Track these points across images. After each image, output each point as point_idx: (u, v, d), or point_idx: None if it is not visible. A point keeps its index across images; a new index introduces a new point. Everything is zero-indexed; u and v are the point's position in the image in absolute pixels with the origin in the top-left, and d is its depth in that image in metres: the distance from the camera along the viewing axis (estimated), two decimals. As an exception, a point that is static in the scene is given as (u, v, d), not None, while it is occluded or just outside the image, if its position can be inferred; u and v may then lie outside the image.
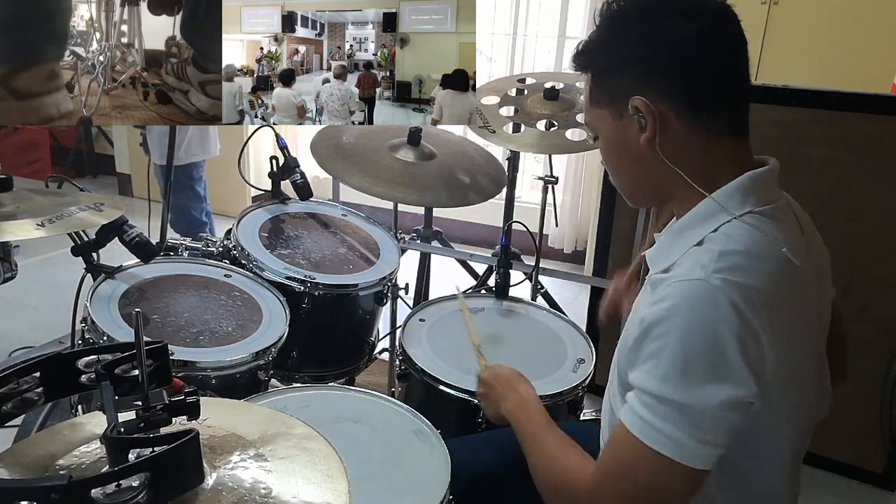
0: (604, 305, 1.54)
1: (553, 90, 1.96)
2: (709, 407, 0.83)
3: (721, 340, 0.82)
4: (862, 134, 2.01)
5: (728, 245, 0.87)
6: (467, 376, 1.50)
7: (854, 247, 2.03)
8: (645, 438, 0.85)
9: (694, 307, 0.83)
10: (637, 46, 0.93)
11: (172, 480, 0.62)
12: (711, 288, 0.83)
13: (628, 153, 0.97)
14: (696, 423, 0.83)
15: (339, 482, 0.71)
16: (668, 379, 0.84)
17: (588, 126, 1.06)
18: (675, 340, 0.83)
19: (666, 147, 0.92)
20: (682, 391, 0.83)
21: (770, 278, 0.86)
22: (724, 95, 0.93)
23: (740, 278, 0.84)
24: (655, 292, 0.89)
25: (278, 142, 1.98)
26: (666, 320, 0.84)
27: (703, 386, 0.83)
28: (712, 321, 0.82)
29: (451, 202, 1.93)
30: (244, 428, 0.79)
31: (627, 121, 0.94)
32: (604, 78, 0.97)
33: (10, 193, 1.42)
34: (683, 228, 0.95)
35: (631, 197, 1.07)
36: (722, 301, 0.82)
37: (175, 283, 1.62)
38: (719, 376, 0.82)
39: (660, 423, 0.84)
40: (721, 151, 0.94)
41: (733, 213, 0.91)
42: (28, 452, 0.74)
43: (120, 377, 0.70)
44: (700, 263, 0.86)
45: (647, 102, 0.91)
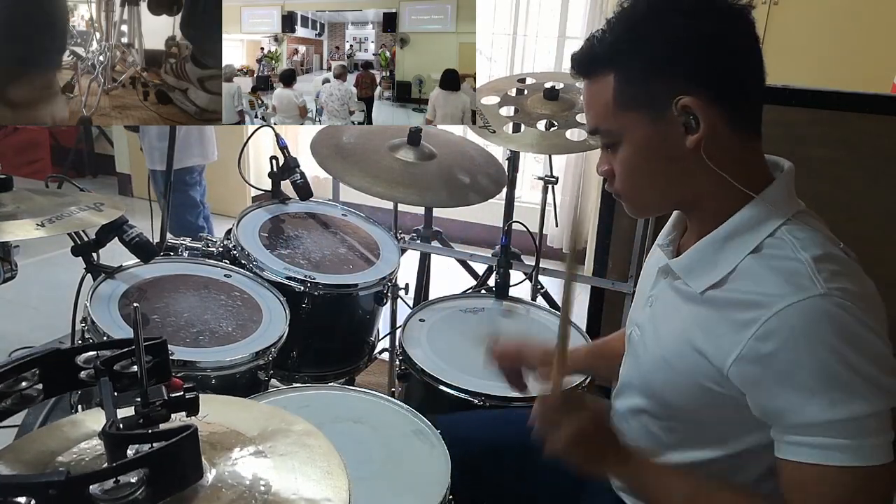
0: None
1: (553, 90, 1.96)
2: (888, 401, 0.82)
3: (869, 339, 0.81)
4: (862, 134, 2.00)
5: (810, 251, 0.85)
6: (467, 376, 1.50)
7: (854, 247, 2.01)
8: (846, 462, 0.81)
9: (831, 321, 0.81)
10: (675, 46, 0.89)
11: (171, 476, 0.62)
12: (833, 299, 0.81)
13: (665, 157, 0.93)
14: (883, 422, 0.82)
15: (338, 479, 0.71)
16: (854, 397, 0.81)
17: (603, 133, 0.97)
18: (833, 360, 0.80)
19: (709, 149, 0.89)
20: (867, 401, 0.81)
21: (860, 275, 0.87)
22: (755, 95, 0.92)
23: (850, 286, 0.83)
24: (733, 315, 0.86)
25: (278, 142, 1.99)
26: (807, 346, 0.81)
27: (878, 384, 0.81)
28: (853, 327, 0.81)
29: (451, 202, 1.93)
30: (244, 424, 0.79)
31: (669, 123, 0.90)
32: (637, 79, 0.91)
33: (10, 193, 1.42)
34: (729, 235, 0.92)
35: (646, 207, 1.02)
36: (853, 309, 0.81)
37: (175, 283, 1.62)
38: (883, 369, 0.82)
39: (853, 441, 0.81)
40: (753, 152, 0.93)
41: (787, 215, 0.89)
42: (28, 449, 0.74)
43: (119, 373, 0.70)
44: (805, 277, 0.83)
45: (698, 101, 0.87)
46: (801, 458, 0.83)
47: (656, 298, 1.04)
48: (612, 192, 1.01)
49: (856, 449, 0.81)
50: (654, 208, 1.04)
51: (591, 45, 0.95)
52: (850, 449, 0.81)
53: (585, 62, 0.96)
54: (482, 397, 1.45)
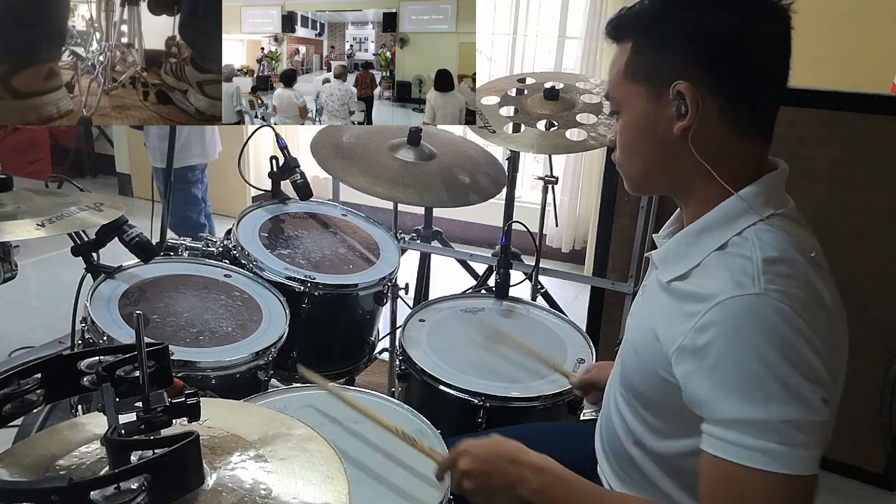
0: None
1: (553, 90, 1.96)
2: (809, 412, 0.80)
3: (798, 348, 0.79)
4: (862, 134, 2.00)
5: (766, 252, 0.84)
6: (467, 376, 1.50)
7: (854, 247, 2.03)
8: (759, 464, 0.80)
9: (762, 322, 0.80)
10: (694, 28, 0.88)
11: (172, 482, 0.62)
12: (771, 301, 0.80)
13: (654, 137, 0.93)
14: (802, 432, 0.79)
15: (338, 483, 0.71)
16: (769, 400, 0.79)
17: (611, 99, 0.98)
18: (756, 360, 0.79)
19: (697, 139, 0.89)
20: (783, 407, 0.79)
21: (813, 284, 0.84)
22: (766, 97, 0.91)
23: (791, 288, 0.81)
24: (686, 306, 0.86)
25: (278, 142, 1.99)
26: (736, 343, 0.80)
27: (799, 394, 0.79)
28: (784, 332, 0.79)
29: (451, 202, 1.93)
30: (244, 429, 0.79)
31: (664, 104, 0.90)
32: (647, 53, 0.91)
33: (10, 193, 1.42)
34: (703, 229, 0.92)
35: (637, 183, 1.02)
36: (787, 312, 0.79)
37: (175, 283, 1.62)
38: (808, 380, 0.79)
39: (768, 444, 0.79)
40: (748, 153, 0.92)
41: (760, 215, 0.88)
42: (28, 453, 0.74)
43: (121, 379, 0.70)
44: (746, 275, 0.82)
45: (693, 89, 0.87)
46: (717, 452, 0.82)
47: (644, 288, 1.06)
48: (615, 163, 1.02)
49: (772, 453, 0.79)
50: (645, 186, 1.03)
51: (623, 11, 0.95)
52: (767, 452, 0.79)
53: (613, 26, 0.96)
54: (482, 397, 1.45)
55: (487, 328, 1.67)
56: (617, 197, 2.40)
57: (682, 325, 0.86)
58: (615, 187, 2.38)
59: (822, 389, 0.80)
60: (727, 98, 0.88)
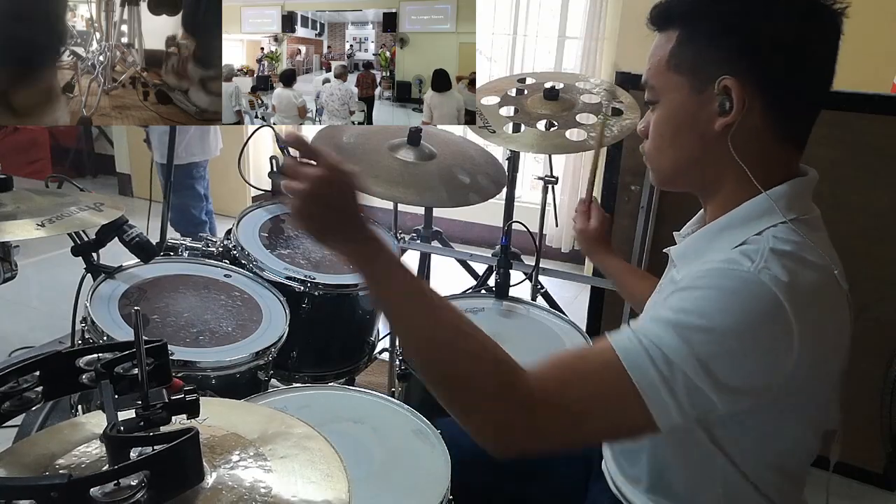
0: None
1: (553, 90, 1.96)
2: (700, 369, 0.77)
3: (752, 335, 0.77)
4: (862, 134, 2.00)
5: (778, 245, 0.83)
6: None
7: (854, 247, 2.02)
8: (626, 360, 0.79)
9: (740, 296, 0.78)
10: (749, 22, 0.86)
11: (172, 479, 0.62)
12: (760, 283, 0.78)
13: (692, 131, 0.91)
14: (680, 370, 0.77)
15: (338, 482, 0.71)
16: (685, 329, 0.78)
17: (650, 88, 0.95)
18: (711, 312, 0.78)
19: (735, 137, 0.87)
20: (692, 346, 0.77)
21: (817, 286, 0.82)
22: (810, 102, 0.90)
23: (790, 280, 0.79)
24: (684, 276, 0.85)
25: (278, 142, 1.99)
26: (713, 291, 0.79)
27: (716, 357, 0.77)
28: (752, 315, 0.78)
29: (451, 202, 1.93)
30: (244, 427, 0.79)
31: (707, 98, 0.88)
32: (695, 43, 0.89)
33: (10, 193, 1.42)
34: (726, 227, 0.90)
35: (667, 178, 0.99)
36: (767, 298, 0.78)
37: (175, 283, 1.62)
38: (735, 360, 0.78)
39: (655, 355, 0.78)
40: (783, 157, 0.91)
41: (783, 217, 0.86)
42: (28, 452, 0.74)
43: (119, 376, 0.70)
44: (747, 258, 0.81)
45: (740, 86, 0.85)
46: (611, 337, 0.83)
47: (660, 287, 1.05)
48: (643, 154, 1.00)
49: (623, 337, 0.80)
50: (673, 180, 1.00)
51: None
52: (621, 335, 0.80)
53: (658, 13, 0.94)
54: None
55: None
56: (617, 197, 2.40)
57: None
58: (615, 187, 2.38)
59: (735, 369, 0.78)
60: (772, 99, 0.87)
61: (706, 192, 0.97)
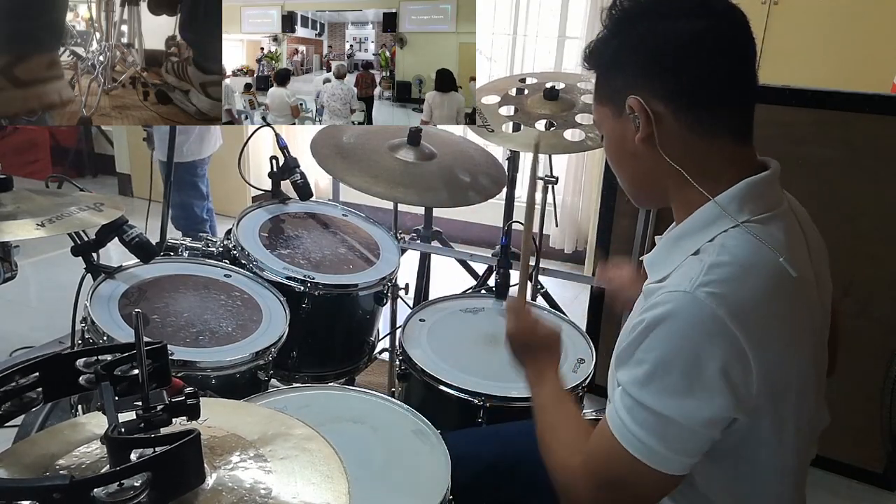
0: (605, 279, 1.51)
1: (553, 90, 1.96)
2: (685, 420, 0.84)
3: (701, 357, 0.82)
4: (862, 134, 2.01)
5: (719, 256, 0.86)
6: (467, 376, 1.50)
7: (854, 247, 2.03)
8: (621, 440, 0.87)
9: (679, 320, 0.83)
10: (635, 46, 0.92)
11: (174, 480, 0.62)
12: (696, 301, 0.82)
13: (626, 151, 0.97)
14: (671, 434, 0.84)
15: (338, 483, 0.71)
16: (647, 386, 0.85)
17: (595, 124, 1.07)
18: (658, 350, 0.84)
19: (666, 146, 0.91)
20: (659, 401, 0.84)
21: (762, 290, 0.84)
22: (723, 96, 0.91)
23: (727, 291, 0.82)
24: (649, 300, 0.89)
25: (278, 142, 1.99)
26: (655, 329, 0.84)
27: (681, 399, 0.83)
28: (694, 337, 0.82)
29: (451, 202, 1.93)
30: (244, 428, 0.79)
31: (625, 119, 0.94)
32: (605, 76, 0.97)
33: (10, 193, 1.42)
34: (682, 235, 0.94)
35: (633, 197, 1.06)
36: (706, 316, 0.81)
37: (175, 283, 1.62)
38: (696, 393, 0.83)
39: (636, 428, 0.86)
40: (721, 153, 0.92)
41: (735, 220, 0.88)
42: (28, 452, 0.74)
43: (119, 377, 0.70)
44: (689, 276, 0.85)
45: (641, 101, 0.90)
46: (609, 416, 0.91)
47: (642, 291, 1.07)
48: None
49: (642, 441, 0.85)
50: (639, 198, 1.07)
51: (591, 43, 0.99)
52: (638, 439, 0.86)
53: (585, 58, 1.01)
54: (482, 397, 1.45)
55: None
56: (617, 197, 2.40)
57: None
58: (615, 187, 2.38)
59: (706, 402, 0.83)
60: (681, 104, 0.90)
61: (672, 203, 1.00)
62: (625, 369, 0.89)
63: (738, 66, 0.91)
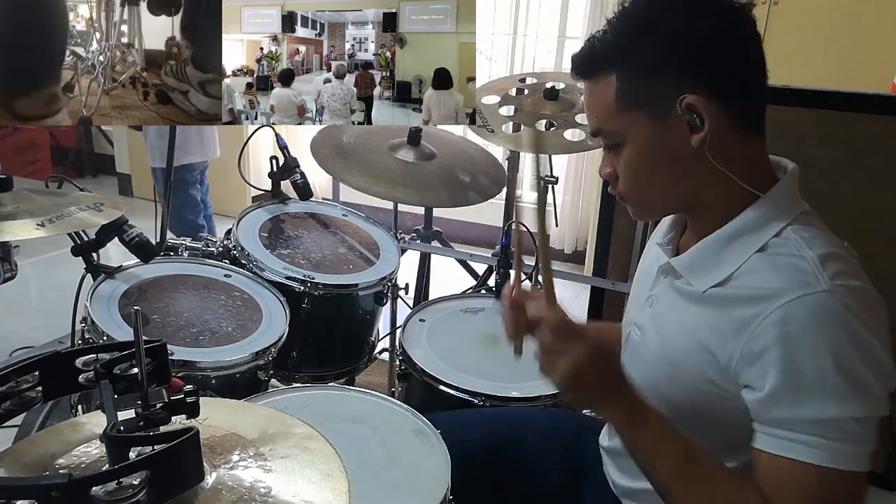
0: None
1: (553, 90, 1.96)
2: (880, 409, 0.82)
3: (870, 342, 0.81)
4: (862, 134, 2.00)
5: (816, 249, 0.85)
6: (467, 376, 1.50)
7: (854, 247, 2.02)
8: (839, 465, 0.81)
9: (836, 319, 0.80)
10: (676, 43, 0.88)
11: (173, 478, 0.62)
12: (837, 296, 0.81)
13: (668, 157, 0.92)
14: (873, 429, 0.82)
15: (338, 481, 0.71)
16: (845, 399, 0.80)
17: (607, 134, 0.96)
18: (833, 359, 0.80)
19: (714, 148, 0.89)
20: (860, 405, 0.81)
21: (864, 275, 0.87)
22: (758, 94, 0.92)
23: (852, 281, 0.83)
24: (737, 311, 0.86)
25: (278, 142, 1.99)
26: (809, 341, 0.81)
27: (872, 391, 0.81)
28: (856, 327, 0.80)
29: (451, 202, 1.93)
30: (244, 427, 0.79)
31: (673, 122, 0.89)
32: (639, 78, 0.90)
33: (10, 193, 1.42)
34: (735, 235, 0.91)
35: (651, 207, 1.01)
36: (855, 307, 0.81)
37: (175, 283, 1.62)
38: (879, 375, 0.81)
39: (847, 445, 0.81)
40: (755, 150, 0.93)
41: (792, 215, 0.88)
42: (28, 452, 0.74)
43: (119, 376, 0.70)
44: (809, 274, 0.83)
45: (702, 99, 0.87)
46: (782, 451, 0.83)
47: (657, 298, 1.03)
48: (616, 195, 0.99)
49: (834, 451, 0.80)
50: (659, 210, 1.04)
51: (591, 46, 0.94)
52: (829, 449, 0.81)
53: (586, 63, 0.95)
54: (482, 397, 1.45)
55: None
56: (617, 197, 2.40)
57: (742, 331, 0.85)
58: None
59: (887, 383, 0.82)
60: (729, 101, 0.89)
61: (692, 209, 0.98)
62: (807, 402, 0.81)
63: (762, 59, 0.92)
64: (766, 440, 0.85)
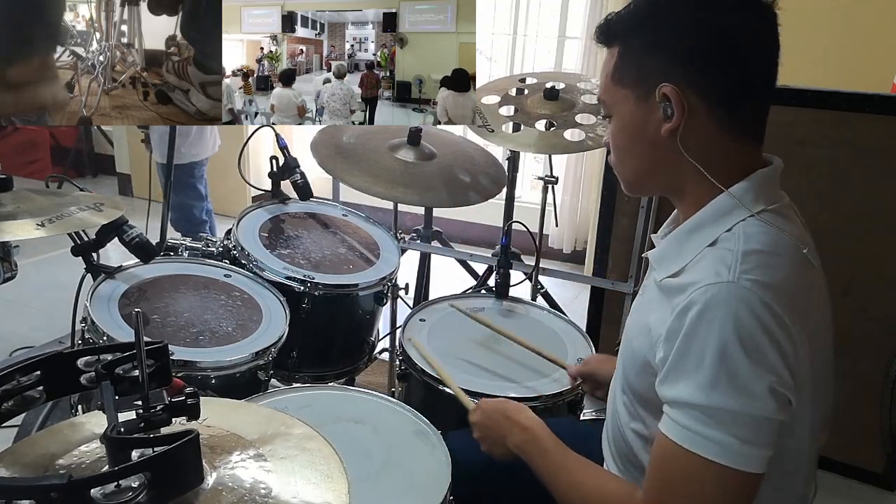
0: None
1: (553, 90, 1.96)
2: (757, 408, 0.81)
3: (758, 340, 0.80)
4: (862, 134, 2.00)
5: (748, 244, 0.85)
6: (467, 376, 1.50)
7: (854, 247, 2.03)
8: (700, 450, 0.82)
9: (728, 310, 0.81)
10: (679, 31, 0.89)
11: (173, 480, 0.62)
12: (742, 290, 0.81)
13: (644, 139, 0.94)
14: (748, 427, 0.81)
15: (338, 482, 0.71)
16: (716, 387, 0.81)
17: (602, 103, 1.00)
18: (714, 347, 0.81)
19: (687, 140, 0.89)
20: (731, 397, 0.81)
21: (794, 278, 0.85)
22: (756, 96, 0.91)
23: (768, 278, 0.82)
24: (673, 300, 0.87)
25: (278, 142, 1.99)
26: (700, 328, 0.82)
27: (749, 388, 0.81)
28: (748, 322, 0.80)
29: (451, 202, 1.93)
30: (244, 428, 0.79)
31: (651, 106, 0.91)
32: (634, 56, 0.93)
33: (10, 193, 1.42)
34: (695, 227, 0.92)
35: (632, 185, 1.03)
36: (754, 302, 0.80)
37: (175, 283, 1.62)
38: (761, 375, 0.80)
39: (712, 432, 0.82)
40: (739, 152, 0.92)
41: (750, 211, 0.88)
42: (28, 452, 0.74)
43: (120, 377, 0.70)
44: (724, 265, 0.84)
45: (678, 91, 0.88)
46: (666, 431, 0.85)
47: (644, 288, 1.07)
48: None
49: (712, 440, 0.81)
50: (639, 187, 1.04)
51: (610, 16, 0.96)
52: (708, 438, 0.82)
53: (602, 30, 0.97)
54: (482, 397, 1.45)
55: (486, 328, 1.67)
56: (617, 197, 2.40)
57: (667, 314, 0.87)
58: (615, 187, 2.38)
59: (773, 383, 0.81)
60: (716, 99, 0.89)
61: (674, 195, 0.99)
62: (681, 382, 0.84)
63: (772, 66, 0.91)
64: (662, 420, 0.88)
